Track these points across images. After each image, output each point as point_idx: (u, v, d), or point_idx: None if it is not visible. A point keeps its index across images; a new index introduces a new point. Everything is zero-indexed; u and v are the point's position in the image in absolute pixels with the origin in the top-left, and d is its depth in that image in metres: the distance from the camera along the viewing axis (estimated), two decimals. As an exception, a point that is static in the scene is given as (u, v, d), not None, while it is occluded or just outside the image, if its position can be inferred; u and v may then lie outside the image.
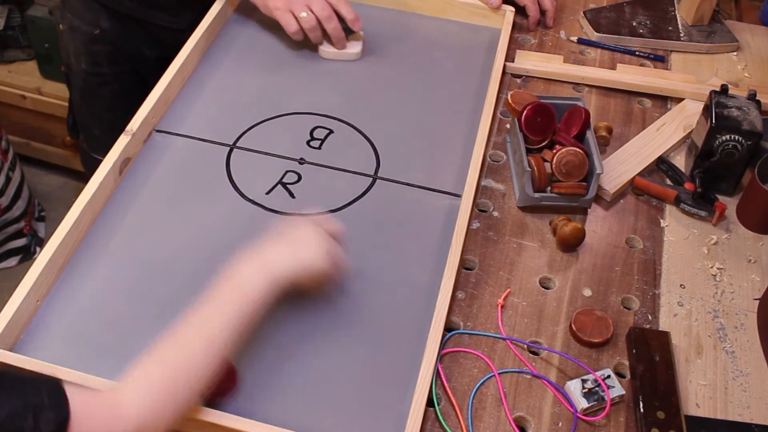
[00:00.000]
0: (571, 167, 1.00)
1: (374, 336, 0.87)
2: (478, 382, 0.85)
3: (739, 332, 0.93)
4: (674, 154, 1.13)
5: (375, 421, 0.80)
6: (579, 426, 0.82)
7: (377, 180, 1.04)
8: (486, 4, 1.28)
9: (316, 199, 1.01)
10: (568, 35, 1.31)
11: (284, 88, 1.16)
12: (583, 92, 1.22)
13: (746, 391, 0.87)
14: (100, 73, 1.37)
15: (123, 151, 1.00)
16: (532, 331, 0.90)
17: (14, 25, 2.09)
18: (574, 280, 0.96)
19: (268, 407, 0.80)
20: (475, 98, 1.16)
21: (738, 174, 1.07)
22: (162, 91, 1.08)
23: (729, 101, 1.04)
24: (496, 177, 1.08)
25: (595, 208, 1.05)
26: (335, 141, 1.09)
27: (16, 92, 2.10)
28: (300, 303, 0.87)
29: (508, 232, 1.01)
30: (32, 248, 2.08)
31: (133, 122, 1.03)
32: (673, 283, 0.97)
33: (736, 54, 1.30)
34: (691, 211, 1.04)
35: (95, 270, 0.91)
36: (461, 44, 1.26)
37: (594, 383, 0.84)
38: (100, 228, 0.95)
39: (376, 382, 0.84)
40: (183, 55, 1.13)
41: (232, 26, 1.26)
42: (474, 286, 0.94)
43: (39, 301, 0.86)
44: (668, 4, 1.36)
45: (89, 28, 1.32)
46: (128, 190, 1.00)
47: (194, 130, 1.08)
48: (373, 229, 0.98)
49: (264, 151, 1.07)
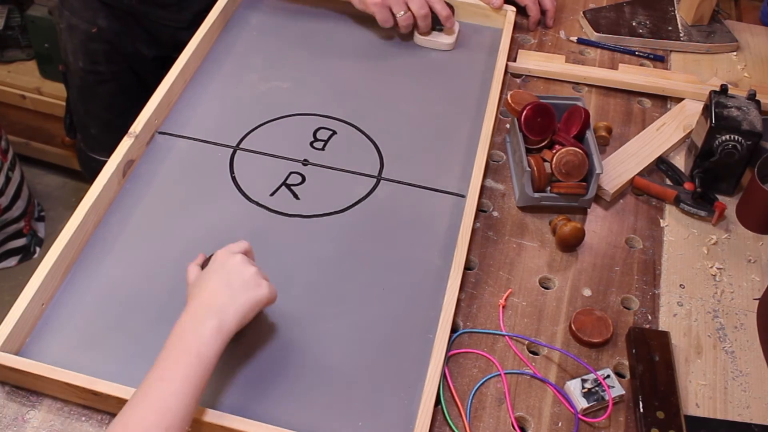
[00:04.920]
0: (570, 167, 1.01)
1: (380, 336, 0.88)
2: (478, 382, 0.86)
3: (738, 332, 0.93)
4: (674, 154, 1.14)
5: (382, 421, 0.81)
6: (579, 426, 0.83)
7: (381, 181, 1.05)
8: (487, 4, 1.29)
9: (320, 200, 1.01)
10: (568, 35, 1.31)
11: (287, 89, 1.17)
12: (583, 92, 1.22)
13: (746, 391, 0.88)
14: (97, 72, 1.38)
15: (126, 153, 1.00)
16: (532, 331, 0.91)
17: (14, 25, 2.09)
18: (573, 280, 0.97)
19: (276, 408, 0.81)
20: (477, 98, 1.17)
21: (738, 174, 1.07)
22: (164, 92, 1.08)
23: (729, 101, 1.05)
24: (496, 177, 1.08)
25: (594, 208, 1.05)
26: (339, 142, 1.09)
27: (15, 92, 2.10)
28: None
29: (507, 232, 1.01)
30: (32, 248, 2.08)
31: (136, 124, 1.03)
32: (672, 283, 0.97)
33: (735, 54, 1.31)
34: (691, 211, 1.05)
35: (100, 272, 0.91)
36: (463, 44, 1.27)
37: (594, 383, 0.84)
38: (105, 230, 0.96)
39: (382, 383, 0.84)
40: (185, 57, 1.14)
41: (233, 27, 1.26)
42: (474, 286, 0.95)
43: (44, 305, 0.87)
44: (668, 4, 1.37)
45: (87, 26, 1.33)
46: (132, 193, 1.00)
47: (197, 132, 1.09)
48: (377, 229, 0.99)
49: (267, 152, 1.07)
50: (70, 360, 0.82)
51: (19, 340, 0.83)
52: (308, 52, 1.23)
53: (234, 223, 0.98)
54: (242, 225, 0.98)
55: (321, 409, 0.82)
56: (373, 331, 0.88)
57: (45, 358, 0.81)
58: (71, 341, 0.85)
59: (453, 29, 1.25)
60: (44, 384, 0.80)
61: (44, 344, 0.84)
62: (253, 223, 0.98)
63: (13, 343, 0.82)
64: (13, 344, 0.82)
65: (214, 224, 0.98)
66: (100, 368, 0.81)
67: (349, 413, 0.81)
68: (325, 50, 1.22)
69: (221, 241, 0.95)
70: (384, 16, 1.20)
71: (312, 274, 0.93)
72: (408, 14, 1.20)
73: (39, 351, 0.84)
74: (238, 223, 0.98)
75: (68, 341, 0.85)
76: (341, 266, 0.94)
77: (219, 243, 0.95)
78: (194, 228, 0.97)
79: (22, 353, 0.83)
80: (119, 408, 0.78)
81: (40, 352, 0.83)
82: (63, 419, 0.80)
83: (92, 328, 0.86)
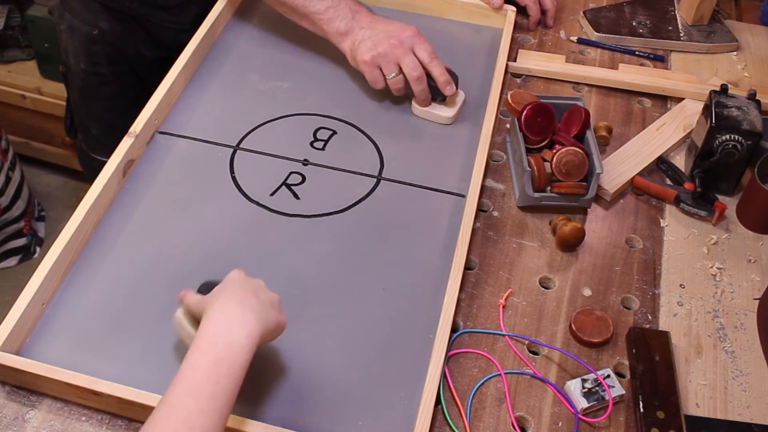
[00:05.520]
0: (571, 167, 1.01)
1: (380, 336, 0.88)
2: (478, 382, 0.86)
3: (738, 332, 0.93)
4: (674, 153, 1.14)
5: (382, 421, 0.81)
6: (580, 426, 0.83)
7: (381, 181, 1.05)
8: (488, 4, 1.29)
9: (321, 200, 1.01)
10: (568, 35, 1.31)
11: (287, 89, 1.17)
12: (583, 92, 1.22)
13: (746, 391, 0.88)
14: (99, 73, 1.37)
15: (126, 153, 1.00)
16: (532, 331, 0.91)
17: (14, 25, 2.09)
18: (573, 280, 0.97)
19: (273, 407, 0.81)
20: (477, 98, 1.17)
21: (738, 174, 1.07)
22: (165, 92, 1.08)
23: (729, 101, 1.05)
24: (496, 177, 1.08)
25: (594, 208, 1.05)
26: (339, 142, 1.09)
27: (15, 92, 2.10)
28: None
29: (508, 232, 1.01)
30: (32, 248, 2.09)
31: (136, 124, 1.03)
32: (672, 283, 0.97)
33: (735, 54, 1.31)
34: (691, 211, 1.05)
35: (100, 272, 0.91)
36: (463, 44, 1.27)
37: (594, 383, 0.84)
38: (105, 230, 0.96)
39: (383, 383, 0.84)
40: (185, 57, 1.14)
41: (234, 27, 1.26)
42: (474, 286, 0.95)
43: (44, 305, 0.87)
44: (668, 4, 1.37)
45: (88, 28, 1.32)
46: (132, 192, 1.00)
47: (197, 132, 1.09)
48: (377, 229, 0.99)
49: (268, 152, 1.07)
50: (70, 360, 0.82)
51: (19, 340, 0.83)
52: (309, 52, 1.23)
53: (234, 222, 0.98)
54: (242, 225, 0.98)
55: (321, 408, 0.82)
56: (373, 331, 0.88)
57: (45, 358, 0.81)
58: (71, 341, 0.85)
59: (455, 100, 1.13)
60: (44, 384, 0.80)
61: (44, 344, 0.84)
62: (253, 222, 0.98)
63: (13, 343, 0.82)
64: (13, 344, 0.82)
65: (214, 224, 0.98)
66: (100, 368, 0.81)
67: (349, 413, 0.81)
68: (326, 50, 1.22)
69: (221, 241, 0.95)
70: (374, 76, 1.10)
71: (312, 274, 0.93)
72: (399, 77, 1.09)
73: (39, 351, 0.84)
74: (238, 222, 0.98)
75: (68, 341, 0.85)
76: (341, 266, 0.94)
77: (220, 242, 0.95)
78: (194, 228, 0.97)
79: (22, 353, 0.83)
80: (119, 408, 0.79)
81: (40, 351, 0.83)
82: (63, 419, 0.80)
83: (92, 328, 0.86)
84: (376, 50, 1.09)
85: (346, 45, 1.13)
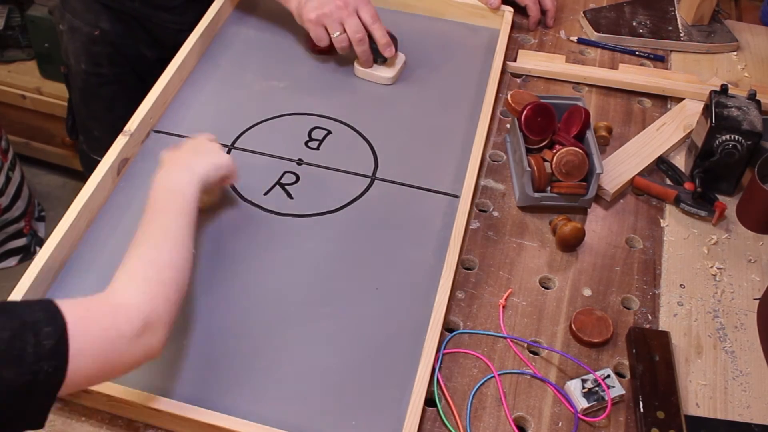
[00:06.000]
0: (571, 167, 1.00)
1: (373, 337, 0.87)
2: (478, 382, 0.85)
3: (739, 332, 0.92)
4: (674, 154, 1.13)
5: (375, 421, 0.80)
6: (579, 426, 0.82)
7: (375, 181, 1.04)
8: (485, 4, 1.28)
9: (314, 199, 1.01)
10: (568, 35, 1.31)
11: (282, 88, 1.16)
12: (583, 92, 1.21)
13: (746, 391, 0.87)
14: (100, 74, 1.37)
15: (121, 151, 1.00)
16: (532, 331, 0.90)
17: (14, 25, 2.09)
18: (574, 280, 0.96)
19: (266, 408, 0.80)
20: (473, 98, 1.16)
21: (738, 174, 1.06)
22: (160, 91, 1.08)
23: (729, 101, 1.04)
24: (496, 177, 1.08)
25: (595, 208, 1.05)
26: (333, 142, 1.09)
27: (16, 92, 2.10)
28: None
29: (508, 232, 1.01)
30: (32, 248, 2.08)
31: (131, 122, 1.03)
32: (672, 283, 0.97)
33: (736, 54, 1.30)
34: (691, 211, 1.04)
35: (93, 270, 0.91)
36: (460, 45, 1.26)
37: (594, 383, 0.84)
38: (98, 228, 0.95)
39: (374, 383, 0.83)
40: (181, 56, 1.13)
41: (230, 26, 1.26)
42: (474, 286, 0.94)
43: (37, 302, 0.86)
44: (668, 4, 1.36)
45: (89, 29, 1.32)
46: (126, 191, 1.00)
47: (192, 131, 1.07)
48: (371, 229, 0.98)
49: (262, 151, 1.07)
50: (63, 358, 0.81)
51: (12, 339, 0.83)
52: (304, 52, 1.22)
53: (227, 221, 0.97)
54: (236, 224, 0.97)
55: (314, 408, 0.81)
56: (366, 331, 0.88)
57: (38, 357, 0.80)
58: (64, 340, 0.84)
59: (395, 62, 1.17)
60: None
61: (37, 343, 0.84)
62: (247, 222, 0.98)
63: (5, 342, 0.81)
64: (6, 342, 0.81)
65: (208, 223, 0.97)
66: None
67: (342, 413, 0.81)
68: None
69: (215, 240, 0.94)
70: (318, 34, 1.13)
71: (305, 274, 0.92)
72: (344, 35, 1.13)
73: (32, 349, 0.83)
74: (231, 221, 0.97)
75: (61, 340, 0.84)
76: (335, 266, 0.94)
77: (213, 242, 0.94)
78: (190, 226, 0.96)
79: (14, 352, 0.82)
80: (119, 408, 0.78)
81: (33, 350, 0.83)
82: (63, 419, 0.80)
83: (86, 327, 0.85)
84: (321, 10, 1.12)
85: (292, 4, 1.15)
